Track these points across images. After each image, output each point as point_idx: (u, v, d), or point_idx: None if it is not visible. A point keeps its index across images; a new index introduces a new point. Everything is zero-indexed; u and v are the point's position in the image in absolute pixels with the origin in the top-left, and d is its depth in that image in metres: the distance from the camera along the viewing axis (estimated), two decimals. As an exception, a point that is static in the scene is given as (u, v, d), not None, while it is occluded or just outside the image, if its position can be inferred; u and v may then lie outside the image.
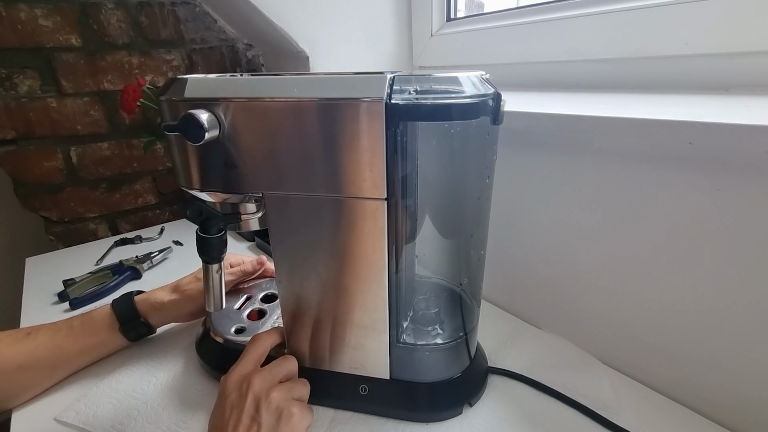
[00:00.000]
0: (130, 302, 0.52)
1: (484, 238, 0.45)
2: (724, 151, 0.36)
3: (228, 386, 0.39)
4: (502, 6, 0.73)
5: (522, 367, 0.50)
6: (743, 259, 0.38)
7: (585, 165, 0.47)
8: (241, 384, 0.38)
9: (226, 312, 0.54)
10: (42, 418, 0.46)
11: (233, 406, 0.37)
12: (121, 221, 0.98)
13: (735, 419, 0.42)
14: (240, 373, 0.39)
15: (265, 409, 0.36)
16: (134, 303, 0.52)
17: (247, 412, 0.36)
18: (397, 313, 0.42)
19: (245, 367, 0.40)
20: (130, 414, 0.46)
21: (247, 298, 0.58)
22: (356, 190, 0.35)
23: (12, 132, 0.81)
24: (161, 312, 0.54)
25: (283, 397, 0.38)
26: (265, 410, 0.36)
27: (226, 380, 0.39)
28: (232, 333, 0.51)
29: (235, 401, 0.37)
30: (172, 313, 0.55)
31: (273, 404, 0.37)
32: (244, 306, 0.56)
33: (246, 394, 0.37)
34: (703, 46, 0.46)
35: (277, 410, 0.37)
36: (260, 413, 0.36)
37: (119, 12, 0.85)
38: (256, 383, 0.38)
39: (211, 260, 0.41)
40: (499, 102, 0.35)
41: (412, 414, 0.45)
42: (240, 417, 0.36)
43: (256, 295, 0.59)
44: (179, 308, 0.54)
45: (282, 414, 0.37)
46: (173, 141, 0.37)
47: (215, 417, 0.38)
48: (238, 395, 0.38)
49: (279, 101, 0.33)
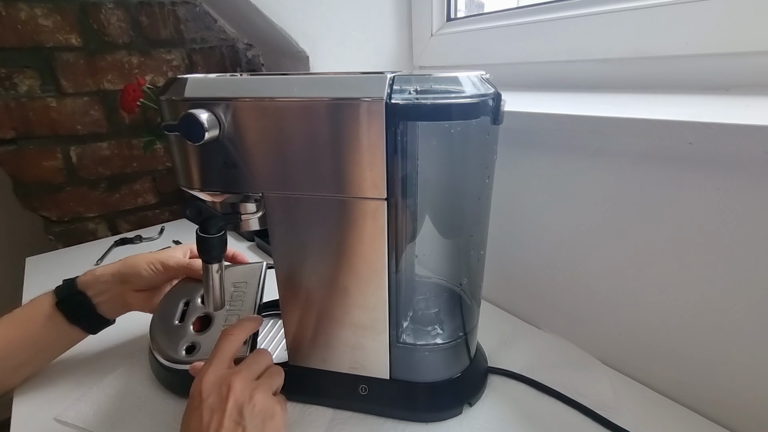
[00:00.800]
0: (73, 279, 0.50)
1: (484, 238, 0.45)
2: (724, 151, 0.36)
3: (204, 388, 0.36)
4: (502, 6, 0.73)
5: (522, 367, 0.50)
6: (743, 259, 0.38)
7: (585, 165, 0.47)
8: (220, 386, 0.36)
9: (167, 329, 0.50)
10: (42, 417, 0.46)
11: (213, 409, 0.35)
12: (120, 221, 0.98)
13: (735, 419, 0.42)
14: (216, 374, 0.37)
15: (249, 413, 0.35)
16: (76, 278, 0.50)
17: (229, 416, 0.34)
18: (396, 313, 0.42)
19: (220, 367, 0.38)
20: (130, 414, 0.46)
21: (186, 305, 0.52)
22: (356, 189, 0.35)
23: (12, 132, 0.80)
24: (102, 283, 0.50)
25: (266, 398, 0.37)
26: (249, 414, 0.35)
27: (200, 381, 0.37)
28: (183, 355, 0.47)
29: (215, 405, 0.35)
30: (116, 287, 0.51)
31: (257, 407, 0.36)
32: (187, 314, 0.51)
33: (227, 398, 0.35)
34: (703, 46, 0.46)
35: (261, 412, 0.36)
36: (244, 417, 0.35)
37: (119, 12, 0.84)
38: (237, 386, 0.36)
39: (210, 260, 0.41)
40: (499, 102, 0.35)
41: (412, 414, 0.45)
42: (222, 421, 0.34)
43: (194, 297, 0.53)
44: (123, 278, 0.51)
45: (266, 416, 0.36)
46: (173, 141, 0.37)
47: (192, 420, 0.35)
48: (217, 398, 0.36)
49: (279, 101, 0.33)
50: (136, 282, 0.52)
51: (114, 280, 0.51)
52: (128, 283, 0.52)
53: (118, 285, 0.51)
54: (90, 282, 0.50)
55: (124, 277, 0.51)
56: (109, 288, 0.51)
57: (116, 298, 0.51)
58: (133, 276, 0.51)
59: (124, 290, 0.52)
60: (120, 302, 0.52)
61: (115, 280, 0.51)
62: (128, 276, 0.51)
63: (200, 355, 0.47)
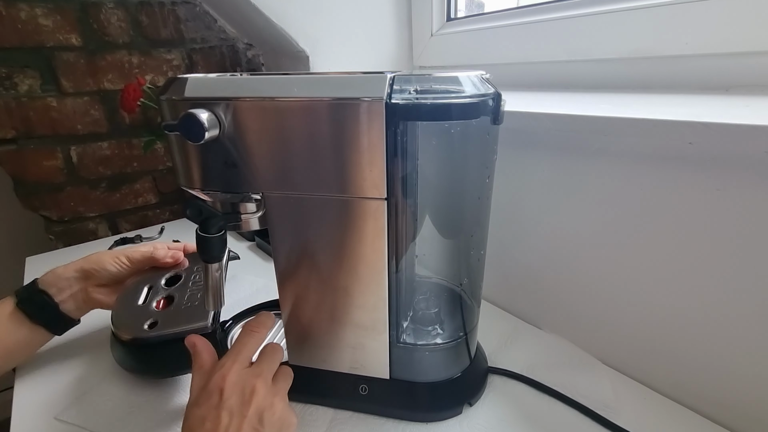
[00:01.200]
0: (34, 279, 0.50)
1: (485, 238, 0.45)
2: (725, 151, 0.36)
3: (227, 387, 0.35)
4: (502, 6, 0.73)
5: (522, 367, 0.50)
6: (743, 259, 0.38)
7: (585, 165, 0.47)
8: (243, 388, 0.35)
9: (129, 310, 0.50)
10: (42, 417, 0.46)
11: (233, 413, 0.34)
12: (121, 221, 0.98)
13: (735, 419, 0.42)
14: (239, 374, 0.36)
15: (269, 420, 0.35)
16: (36, 279, 0.50)
17: (249, 421, 0.34)
18: (397, 313, 0.42)
19: (242, 365, 0.37)
20: (130, 413, 0.46)
21: (149, 289, 0.53)
22: (356, 189, 0.35)
23: (12, 131, 0.81)
24: (64, 280, 0.49)
25: (285, 406, 0.37)
26: (268, 421, 0.35)
27: (223, 379, 0.35)
28: (145, 329, 0.47)
29: (236, 408, 0.34)
30: (78, 283, 0.50)
31: (276, 415, 0.36)
32: (149, 298, 0.51)
33: (249, 402, 0.34)
34: (703, 46, 0.46)
35: (279, 421, 0.36)
36: (264, 424, 0.34)
37: (119, 11, 0.84)
38: (261, 391, 0.36)
39: (211, 260, 0.41)
40: (499, 102, 0.35)
41: (412, 414, 0.45)
42: (241, 426, 0.33)
43: (157, 282, 0.53)
44: (86, 274, 0.50)
45: (283, 424, 0.36)
46: (173, 140, 0.37)
47: (208, 418, 0.33)
48: (239, 401, 0.34)
49: (279, 101, 0.33)
50: (100, 276, 0.51)
51: (76, 276, 0.51)
52: (91, 278, 0.51)
53: (81, 281, 0.51)
54: (51, 281, 0.50)
55: (87, 273, 0.51)
56: (71, 284, 0.50)
57: (78, 294, 0.51)
58: (97, 270, 0.51)
59: (86, 286, 0.51)
60: (83, 299, 0.51)
61: (78, 276, 0.51)
62: (91, 271, 0.51)
63: (161, 327, 0.47)
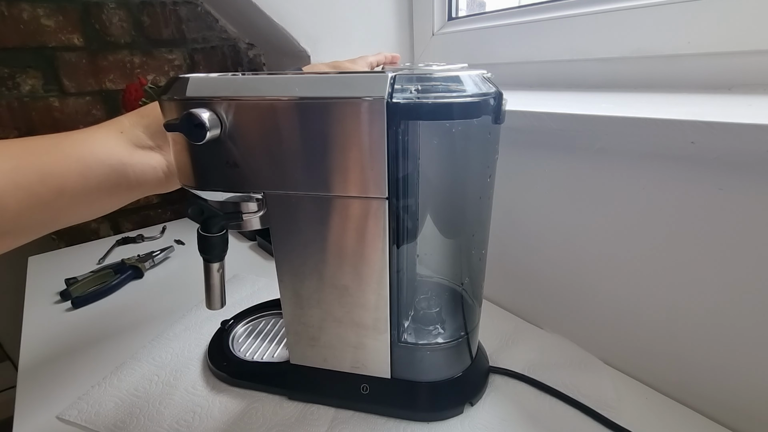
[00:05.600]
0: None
1: (486, 238, 0.45)
2: (727, 150, 0.36)
3: None
4: (503, 5, 0.73)
5: (523, 367, 0.50)
6: (745, 258, 0.38)
7: (586, 164, 0.47)
8: None
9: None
10: (44, 416, 0.46)
11: None
12: (123, 220, 0.98)
13: (736, 419, 0.42)
14: None
15: None
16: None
17: None
18: (398, 313, 0.42)
19: None
20: (132, 412, 0.46)
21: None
22: (357, 189, 0.35)
23: (14, 131, 0.81)
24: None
25: None
26: None
27: None
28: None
29: None
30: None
31: None
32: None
33: None
34: (705, 45, 0.46)
35: None
36: None
37: (121, 12, 0.85)
38: None
39: (212, 259, 0.41)
40: (501, 101, 0.35)
41: (413, 413, 0.44)
42: None
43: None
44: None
45: None
46: (175, 140, 0.37)
47: None
48: None
49: (280, 100, 0.33)
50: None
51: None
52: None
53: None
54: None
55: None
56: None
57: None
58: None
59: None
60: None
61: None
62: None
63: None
